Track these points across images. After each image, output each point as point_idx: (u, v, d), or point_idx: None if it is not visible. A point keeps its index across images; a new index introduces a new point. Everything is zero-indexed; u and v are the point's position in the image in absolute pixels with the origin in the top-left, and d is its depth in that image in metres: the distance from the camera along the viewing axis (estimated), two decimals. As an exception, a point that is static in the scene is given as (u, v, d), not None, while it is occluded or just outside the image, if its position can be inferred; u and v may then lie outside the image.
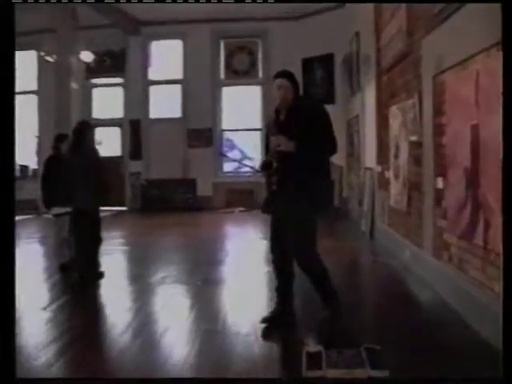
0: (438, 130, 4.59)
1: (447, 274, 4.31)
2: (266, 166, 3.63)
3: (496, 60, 2.97)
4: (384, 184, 6.92)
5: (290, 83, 3.69)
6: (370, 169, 7.90)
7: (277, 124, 3.72)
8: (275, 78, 3.72)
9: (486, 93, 3.40)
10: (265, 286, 4.95)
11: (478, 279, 3.70)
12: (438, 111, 4.57)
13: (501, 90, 2.35)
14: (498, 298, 2.93)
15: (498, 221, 3.01)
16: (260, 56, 11.96)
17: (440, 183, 4.60)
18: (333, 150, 3.69)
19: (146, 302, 4.58)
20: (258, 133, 12.04)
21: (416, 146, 5.35)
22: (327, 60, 11.09)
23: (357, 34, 8.68)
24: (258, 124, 12.07)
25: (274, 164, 3.59)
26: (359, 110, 8.62)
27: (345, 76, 10.07)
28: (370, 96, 7.77)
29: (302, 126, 3.58)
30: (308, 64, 11.44)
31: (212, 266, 5.81)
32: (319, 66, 11.30)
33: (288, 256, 3.71)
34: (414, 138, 5.38)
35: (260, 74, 12.05)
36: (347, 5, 9.88)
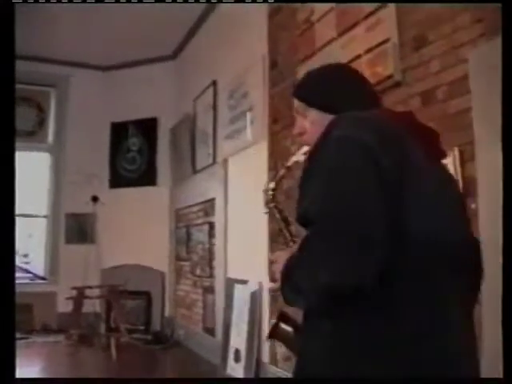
0: None
1: None
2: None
3: None
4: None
5: (307, 106, 1.59)
6: (241, 281, 5.10)
7: None
8: None
9: None
10: None
11: None
12: None
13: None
14: None
15: None
16: (52, 113, 8.47)
17: None
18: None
19: None
20: (44, 220, 8.38)
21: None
22: (148, 126, 8.14)
23: (214, 84, 6.07)
24: (43, 208, 8.39)
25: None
26: (217, 192, 5.84)
27: (183, 146, 7.22)
28: (242, 169, 5.21)
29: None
30: (120, 130, 8.34)
31: None
32: (135, 134, 8.28)
33: None
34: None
35: (50, 137, 8.47)
36: (187, 54, 7.34)
